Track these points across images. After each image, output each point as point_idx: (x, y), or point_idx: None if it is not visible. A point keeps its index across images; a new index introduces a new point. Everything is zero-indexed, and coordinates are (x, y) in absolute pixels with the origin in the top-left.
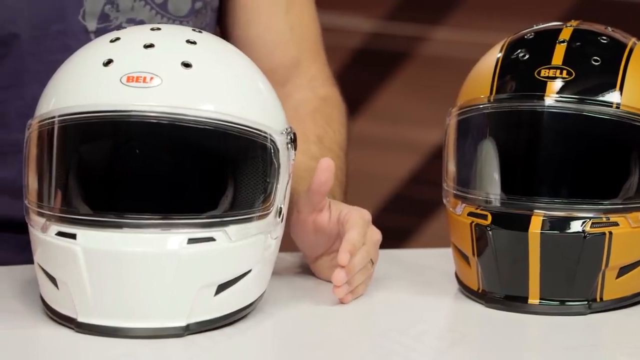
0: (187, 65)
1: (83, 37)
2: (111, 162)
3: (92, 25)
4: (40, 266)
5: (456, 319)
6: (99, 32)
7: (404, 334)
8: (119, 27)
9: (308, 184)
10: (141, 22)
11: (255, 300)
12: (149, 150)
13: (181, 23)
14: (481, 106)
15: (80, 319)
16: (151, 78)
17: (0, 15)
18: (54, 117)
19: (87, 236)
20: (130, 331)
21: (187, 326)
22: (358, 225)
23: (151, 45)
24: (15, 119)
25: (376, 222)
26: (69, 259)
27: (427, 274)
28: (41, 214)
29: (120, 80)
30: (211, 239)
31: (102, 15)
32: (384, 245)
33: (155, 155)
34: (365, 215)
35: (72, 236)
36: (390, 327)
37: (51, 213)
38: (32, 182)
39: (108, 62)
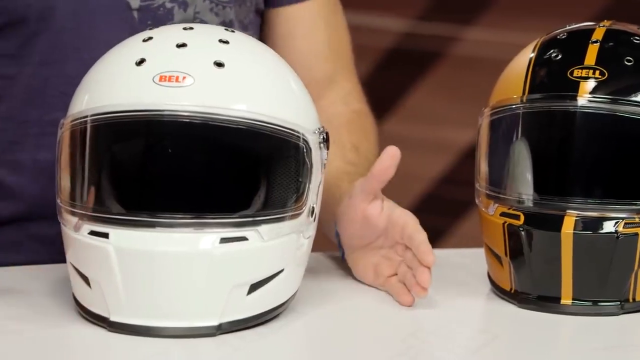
0: (219, 64)
1: (126, 15)
2: (144, 161)
3: (135, 2)
4: (72, 265)
5: (488, 319)
6: (142, 10)
7: (436, 334)
8: (162, 7)
9: (346, 187)
10: (184, 3)
11: (287, 300)
12: (181, 149)
13: (224, 8)
14: (514, 106)
15: (113, 318)
16: (184, 77)
17: None
18: (86, 117)
19: (119, 235)
20: (162, 330)
21: (219, 325)
22: (420, 228)
23: (184, 45)
24: (55, 97)
25: None
26: (102, 258)
27: (459, 274)
28: (74, 213)
29: (153, 79)
30: (243, 239)
31: None
32: None
33: (188, 155)
34: (416, 219)
35: (105, 235)
36: (421, 327)
37: (84, 212)
38: (64, 181)
39: (141, 62)
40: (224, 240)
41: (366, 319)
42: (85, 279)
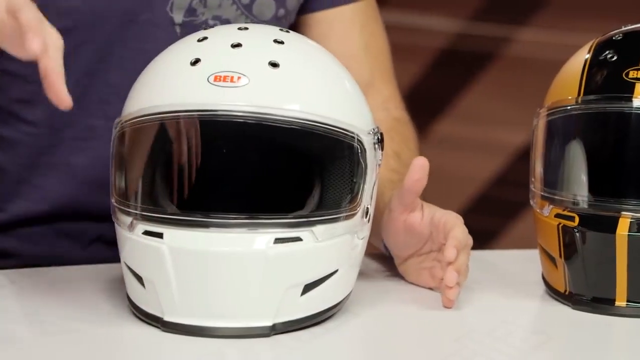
0: (274, 64)
1: (169, 29)
2: (198, 161)
3: (178, 17)
4: (126, 265)
5: (542, 321)
6: (185, 26)
7: (490, 335)
8: (205, 23)
9: (389, 195)
10: (227, 21)
11: (341, 301)
12: (235, 149)
13: None
14: (569, 107)
15: (167, 318)
16: (238, 77)
17: None
18: (141, 116)
19: (173, 235)
20: (216, 330)
21: (274, 326)
22: (460, 225)
23: (239, 45)
24: (94, 105)
25: None
26: (156, 258)
27: (513, 275)
28: (128, 213)
29: (208, 79)
30: (298, 239)
31: (189, 9)
32: None
33: (242, 155)
34: (461, 218)
35: (159, 235)
36: (475, 328)
37: (138, 212)
38: (119, 181)
39: (195, 62)
40: (278, 240)
41: (420, 319)
42: (139, 279)
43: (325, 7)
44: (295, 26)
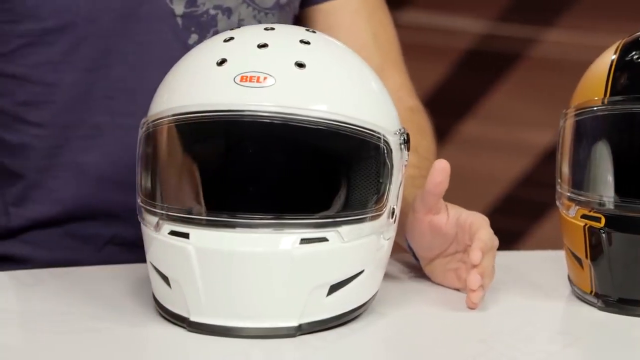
0: (300, 65)
1: (170, 21)
2: (224, 162)
3: (179, 9)
4: (152, 265)
5: (569, 322)
6: (186, 17)
7: (516, 336)
8: (206, 13)
9: (409, 192)
10: (228, 10)
11: (367, 301)
12: (262, 150)
13: (266, 15)
14: (595, 108)
15: (193, 318)
16: (265, 78)
17: None
18: (167, 117)
19: (200, 236)
20: (242, 331)
21: (299, 326)
22: (486, 226)
23: (265, 45)
24: (99, 101)
25: None
26: (182, 258)
27: (539, 276)
28: (154, 213)
29: (234, 79)
30: (324, 239)
31: (189, 0)
32: None
33: (268, 155)
34: (487, 219)
35: (185, 235)
36: (501, 329)
37: (164, 212)
38: (145, 181)
39: (222, 62)
40: (304, 240)
41: (446, 320)
42: (165, 279)
43: None
44: (301, 20)
